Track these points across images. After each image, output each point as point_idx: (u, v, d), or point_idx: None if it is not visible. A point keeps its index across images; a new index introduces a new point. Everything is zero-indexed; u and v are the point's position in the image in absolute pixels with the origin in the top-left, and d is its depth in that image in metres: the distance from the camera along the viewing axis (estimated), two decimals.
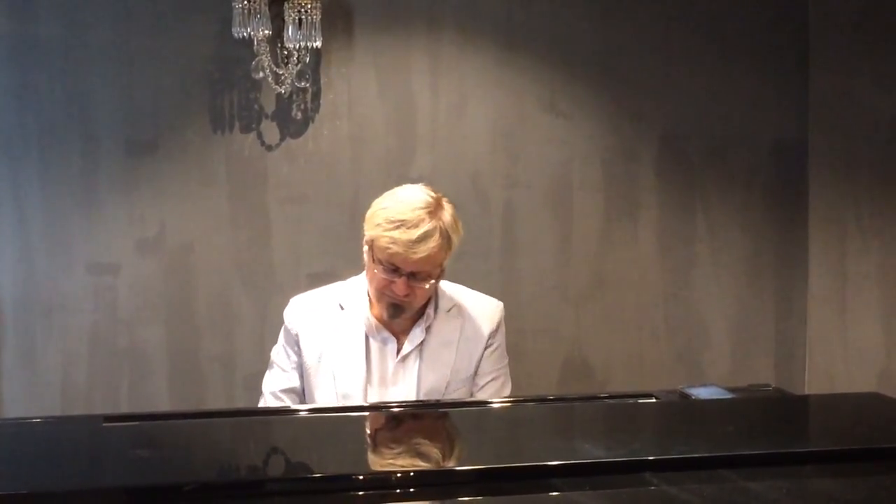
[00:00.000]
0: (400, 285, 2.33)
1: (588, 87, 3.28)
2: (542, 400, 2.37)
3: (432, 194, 2.37)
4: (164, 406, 3.14)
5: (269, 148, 3.17)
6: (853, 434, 1.83)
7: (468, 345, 2.47)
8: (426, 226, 2.30)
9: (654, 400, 2.15)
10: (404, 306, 2.37)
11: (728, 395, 2.13)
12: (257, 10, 3.00)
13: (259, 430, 1.97)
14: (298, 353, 2.46)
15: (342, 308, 2.47)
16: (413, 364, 2.44)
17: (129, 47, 3.11)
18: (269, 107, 3.17)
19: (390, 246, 2.30)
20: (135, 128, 3.13)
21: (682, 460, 1.58)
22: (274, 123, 3.17)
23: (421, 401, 2.38)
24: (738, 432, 1.85)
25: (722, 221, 3.35)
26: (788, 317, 3.38)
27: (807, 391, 3.32)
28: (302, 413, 2.23)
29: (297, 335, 2.46)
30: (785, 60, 3.33)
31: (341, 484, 1.51)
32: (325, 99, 3.18)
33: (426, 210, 2.32)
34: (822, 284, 3.34)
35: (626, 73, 3.28)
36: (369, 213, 2.40)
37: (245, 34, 3.02)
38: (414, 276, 2.33)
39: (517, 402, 2.30)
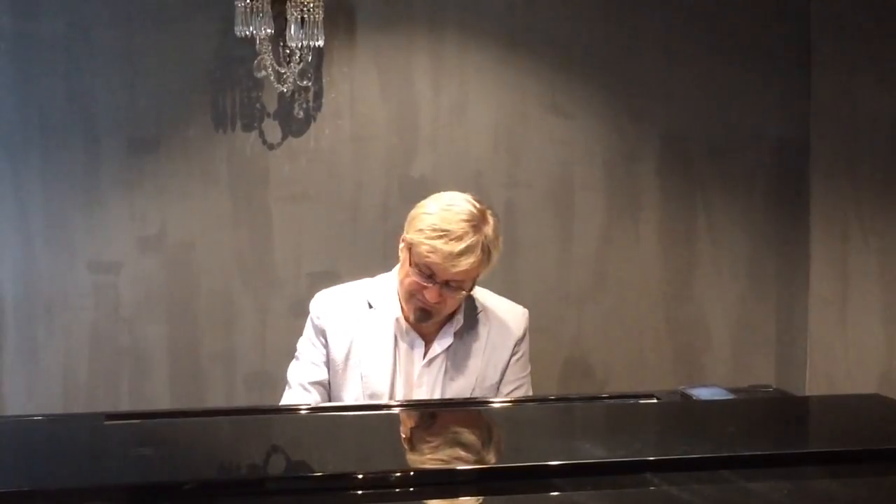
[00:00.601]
0: (432, 292, 2.31)
1: (590, 87, 3.28)
2: (544, 400, 2.37)
3: (478, 206, 2.34)
4: (164, 404, 3.15)
5: (271, 147, 3.18)
6: (854, 435, 1.83)
7: (494, 352, 2.45)
8: (469, 240, 2.27)
9: (655, 400, 2.15)
10: (433, 312, 2.35)
11: (729, 396, 2.13)
12: (260, 9, 3.00)
13: (259, 429, 1.97)
14: (326, 347, 2.43)
15: (371, 306, 2.43)
16: (439, 369, 2.42)
17: (131, 45, 3.11)
18: (271, 105, 3.17)
19: (430, 255, 2.27)
20: (137, 126, 3.13)
21: (683, 461, 1.58)
22: (276, 122, 3.17)
23: (421, 401, 2.38)
24: (738, 433, 1.85)
25: (723, 222, 3.35)
26: (789, 317, 3.38)
27: (807, 392, 3.32)
28: (302, 412, 2.23)
29: (324, 329, 2.43)
30: (787, 60, 3.33)
31: (341, 483, 1.51)
32: (327, 98, 3.18)
33: (471, 223, 2.29)
34: (824, 285, 3.34)
35: (628, 72, 3.28)
36: (412, 214, 2.37)
37: (247, 33, 3.02)
38: (447, 285, 2.31)
39: (518, 402, 2.30)
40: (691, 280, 3.35)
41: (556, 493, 1.48)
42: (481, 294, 2.51)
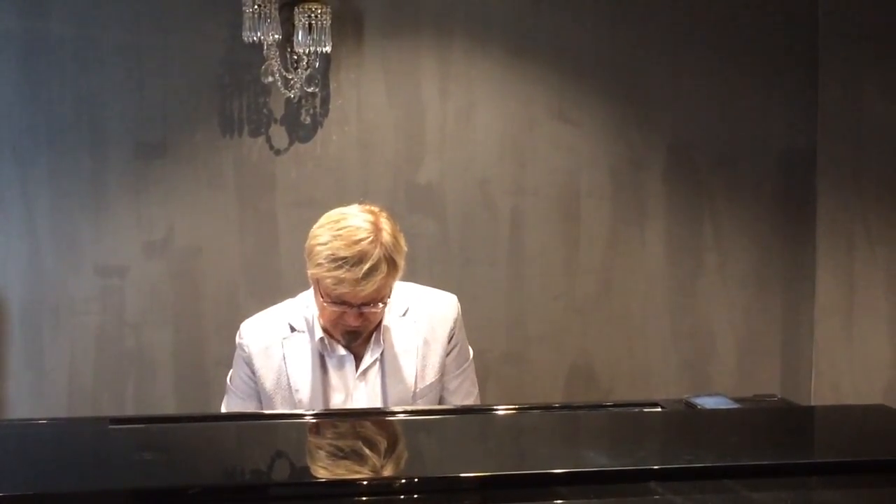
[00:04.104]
0: (351, 316, 2.26)
1: (596, 95, 3.28)
2: (548, 408, 2.37)
3: (369, 218, 2.25)
4: (169, 409, 3.15)
5: (278, 152, 3.18)
6: (859, 446, 1.83)
7: (429, 348, 2.39)
8: (370, 260, 2.19)
9: (659, 409, 2.15)
10: (360, 330, 2.31)
11: (734, 405, 2.13)
12: (268, 15, 3.01)
13: (264, 435, 1.97)
14: (254, 379, 2.40)
15: (293, 329, 2.39)
16: (375, 377, 2.37)
17: (139, 50, 3.12)
18: (279, 111, 3.17)
19: (336, 287, 2.21)
20: (144, 130, 3.14)
21: (687, 470, 1.57)
22: (283, 128, 3.18)
23: (429, 408, 2.37)
24: (743, 442, 1.85)
25: (729, 230, 3.34)
26: (795, 327, 3.38)
27: (812, 402, 3.31)
28: (307, 418, 2.23)
29: (250, 361, 2.39)
30: (794, 70, 3.33)
31: (345, 489, 1.51)
32: (334, 104, 3.19)
33: (367, 241, 2.20)
34: (830, 294, 3.33)
35: (635, 80, 3.28)
36: (308, 245, 2.28)
37: (255, 38, 3.03)
38: (364, 305, 2.25)
39: (522, 409, 2.30)
40: (697, 288, 3.35)
41: (559, 501, 1.48)
42: (406, 290, 2.43)
